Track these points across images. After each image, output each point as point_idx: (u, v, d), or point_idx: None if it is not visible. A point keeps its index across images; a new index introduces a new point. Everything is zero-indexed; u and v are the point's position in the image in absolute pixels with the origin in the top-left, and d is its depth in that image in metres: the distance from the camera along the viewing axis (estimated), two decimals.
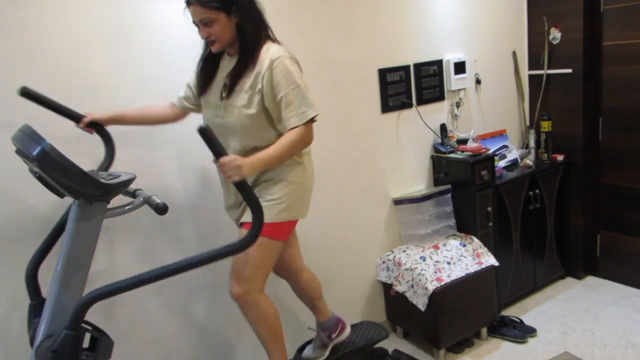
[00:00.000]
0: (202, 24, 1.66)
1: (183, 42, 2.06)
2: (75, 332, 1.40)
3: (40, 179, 1.53)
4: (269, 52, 1.67)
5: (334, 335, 2.19)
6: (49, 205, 1.84)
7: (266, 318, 1.84)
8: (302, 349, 2.28)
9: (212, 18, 1.63)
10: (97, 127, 1.81)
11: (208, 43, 1.73)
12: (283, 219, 1.79)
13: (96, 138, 1.90)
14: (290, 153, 1.70)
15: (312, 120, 1.69)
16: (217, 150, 1.46)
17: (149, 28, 1.99)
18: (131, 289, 1.42)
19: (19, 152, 1.46)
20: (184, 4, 1.67)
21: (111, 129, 1.85)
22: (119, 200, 1.71)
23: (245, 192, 1.48)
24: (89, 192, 1.44)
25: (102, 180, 1.48)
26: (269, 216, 1.70)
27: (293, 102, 1.66)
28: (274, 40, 1.75)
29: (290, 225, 1.86)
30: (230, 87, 1.72)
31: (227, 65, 1.78)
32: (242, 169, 1.48)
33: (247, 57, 1.69)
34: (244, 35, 1.68)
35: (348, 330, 2.24)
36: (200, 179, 2.18)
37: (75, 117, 1.77)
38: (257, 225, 1.45)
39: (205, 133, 1.40)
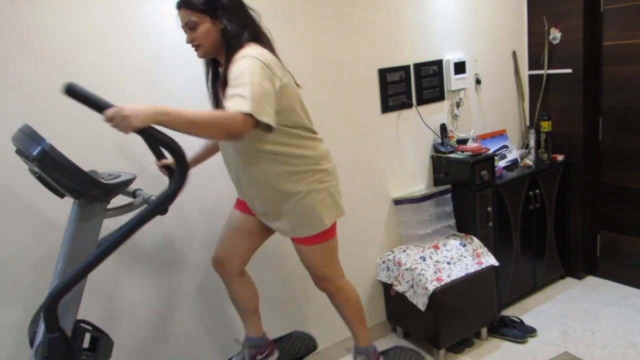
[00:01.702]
0: (187, 27, 1.65)
1: (183, 42, 2.06)
2: (57, 334, 1.39)
3: (40, 179, 1.53)
4: (240, 53, 1.59)
5: (259, 357, 2.10)
6: (49, 205, 1.83)
7: (350, 300, 2.03)
8: None
9: (196, 21, 1.62)
10: (171, 170, 1.73)
11: (194, 49, 1.70)
12: (328, 225, 1.84)
13: (96, 138, 1.91)
14: (207, 128, 1.44)
15: (250, 116, 1.47)
16: (97, 104, 1.27)
17: (149, 28, 2.00)
18: (87, 273, 1.41)
19: (19, 152, 1.46)
20: (175, 10, 1.67)
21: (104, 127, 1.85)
22: (119, 200, 1.71)
23: (156, 140, 1.33)
24: (89, 192, 1.44)
25: (102, 180, 1.49)
26: (315, 228, 1.82)
27: (234, 94, 1.50)
28: (263, 44, 1.67)
29: (334, 225, 1.90)
30: (216, 94, 1.69)
31: (222, 76, 1.74)
32: (131, 118, 1.28)
33: (230, 63, 1.62)
34: (229, 42, 1.63)
35: (275, 356, 2.16)
36: (201, 179, 2.18)
37: (157, 154, 1.68)
38: (181, 172, 1.37)
39: (72, 91, 1.24)
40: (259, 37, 1.69)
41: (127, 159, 2.00)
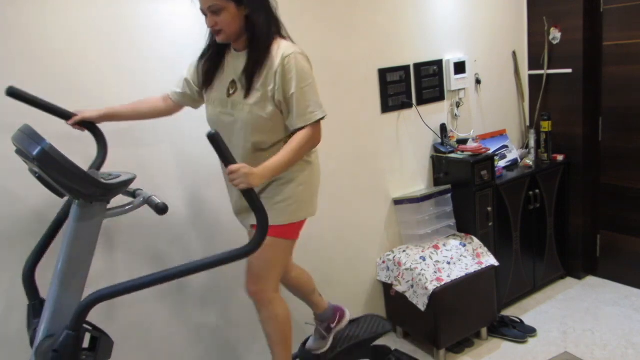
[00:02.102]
0: (210, 11, 1.61)
1: (184, 42, 2.06)
2: (76, 333, 1.40)
3: (40, 179, 1.53)
4: (280, 49, 1.63)
5: (332, 325, 2.20)
6: (48, 205, 1.83)
7: (277, 318, 1.86)
8: (305, 343, 2.28)
9: (221, 6, 1.59)
10: (88, 125, 1.78)
11: (213, 34, 1.69)
12: (294, 219, 1.80)
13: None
14: (299, 156, 1.68)
15: (321, 119, 1.68)
16: (227, 158, 1.43)
17: (149, 28, 2.00)
18: (135, 290, 1.42)
19: (19, 152, 1.46)
20: None
21: (113, 127, 1.85)
22: (119, 200, 1.71)
23: (252, 201, 1.46)
24: (89, 192, 1.44)
25: (102, 180, 1.48)
26: (280, 218, 1.75)
27: (302, 101, 1.64)
28: (285, 37, 1.71)
29: (301, 224, 1.86)
30: (249, 86, 1.66)
31: (233, 61, 1.74)
32: (251, 178, 1.47)
33: (258, 53, 1.64)
34: (253, 29, 1.63)
35: (347, 318, 2.25)
36: (201, 179, 2.18)
37: (65, 115, 1.75)
38: (262, 232, 1.44)
39: (214, 140, 1.38)
40: (280, 27, 1.71)
41: (127, 159, 2.00)
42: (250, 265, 1.83)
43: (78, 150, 1.81)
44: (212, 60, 1.78)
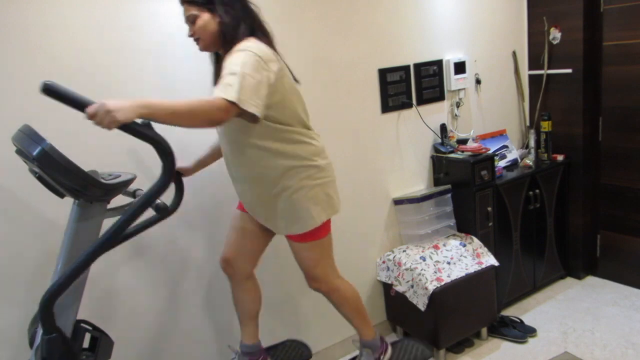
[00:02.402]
0: (188, 21, 1.69)
1: (184, 42, 2.06)
2: (55, 334, 1.38)
3: (40, 179, 1.53)
4: (237, 47, 1.61)
5: None
6: (49, 205, 1.83)
7: (347, 300, 2.02)
8: None
9: (195, 15, 1.65)
10: (177, 175, 1.79)
11: (195, 42, 1.72)
12: (320, 222, 1.82)
13: (96, 137, 1.91)
14: (190, 117, 1.43)
15: (234, 104, 1.47)
16: (78, 102, 1.24)
17: (150, 27, 2.00)
18: (83, 268, 1.39)
19: (19, 152, 1.46)
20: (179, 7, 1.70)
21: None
22: (119, 200, 1.71)
23: (141, 135, 1.31)
24: (88, 192, 1.44)
25: (102, 181, 1.49)
26: (306, 225, 1.80)
27: (223, 83, 1.50)
28: (261, 37, 1.68)
29: (328, 221, 1.89)
30: None
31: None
32: (116, 114, 1.26)
33: (226, 56, 1.64)
34: (226, 36, 1.66)
35: None
36: (201, 179, 2.18)
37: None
38: (167, 168, 1.36)
39: (52, 90, 1.21)
40: (257, 31, 1.70)
41: (127, 159, 2.00)
42: (304, 269, 1.95)
43: (78, 150, 1.81)
44: (214, 72, 1.83)
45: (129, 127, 1.29)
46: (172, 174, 1.38)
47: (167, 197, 1.72)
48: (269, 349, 2.25)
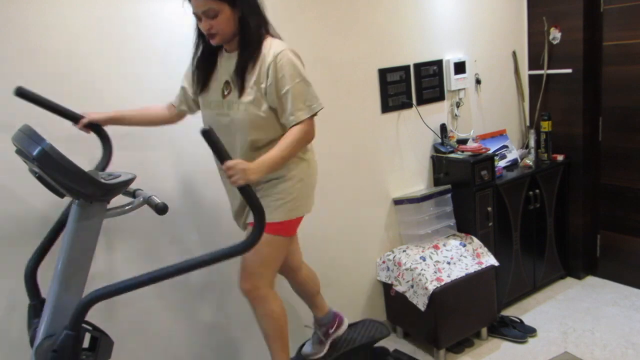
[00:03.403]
0: (205, 15, 1.63)
1: (184, 42, 2.06)
2: (75, 332, 1.40)
3: (40, 179, 1.53)
4: (271, 47, 1.66)
5: (331, 331, 2.19)
6: (49, 205, 1.83)
7: (272, 315, 1.86)
8: (302, 347, 2.28)
9: (217, 9, 1.61)
10: (95, 127, 1.80)
11: (207, 37, 1.70)
12: (290, 217, 1.80)
13: (96, 138, 1.91)
14: (295, 151, 1.68)
15: (314, 115, 1.69)
16: (222, 154, 1.42)
17: (150, 28, 2.00)
18: (134, 289, 1.43)
19: (19, 152, 1.46)
20: None
21: (113, 129, 1.85)
22: (119, 200, 1.71)
23: (249, 197, 1.45)
24: (89, 192, 1.44)
25: (102, 180, 1.48)
26: (276, 215, 1.76)
27: (299, 95, 1.65)
28: (274, 36, 1.73)
29: (297, 221, 1.86)
30: (241, 85, 1.68)
31: (225, 62, 1.76)
32: (248, 173, 1.46)
33: (249, 52, 1.66)
34: (245, 30, 1.66)
35: (345, 325, 2.25)
36: (201, 179, 2.18)
37: (73, 117, 1.76)
38: (259, 229, 1.44)
39: (208, 136, 1.37)
40: (271, 28, 1.73)
41: (127, 159, 2.00)
42: (245, 263, 1.83)
43: (79, 150, 1.81)
44: (205, 64, 1.80)
45: (246, 189, 1.45)
46: (262, 233, 1.45)
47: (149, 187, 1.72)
48: (349, 326, 2.32)
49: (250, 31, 1.66)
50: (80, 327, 1.42)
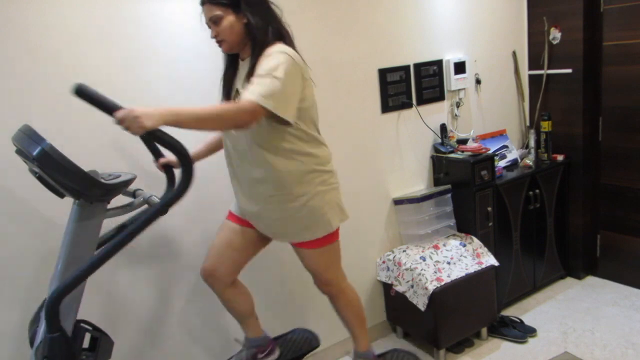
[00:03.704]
0: (211, 22, 1.64)
1: (186, 42, 2.06)
2: (58, 334, 1.39)
3: (40, 179, 1.53)
4: (272, 49, 1.62)
5: (260, 356, 2.07)
6: (49, 205, 1.83)
7: (352, 303, 2.03)
8: None
9: (220, 16, 1.61)
10: (168, 168, 1.79)
11: (218, 44, 1.70)
12: (335, 227, 1.84)
13: (96, 138, 1.91)
14: (216, 121, 1.47)
15: (262, 107, 1.50)
16: (107, 105, 1.28)
17: (150, 28, 2.00)
18: (91, 272, 1.40)
19: (19, 152, 1.46)
20: (199, 6, 1.67)
21: (112, 128, 1.84)
22: (119, 200, 1.71)
23: (163, 142, 1.34)
24: (88, 192, 1.44)
25: (102, 180, 1.49)
26: (322, 231, 1.81)
27: (264, 84, 1.51)
28: (287, 42, 1.68)
29: (338, 228, 1.89)
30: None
31: (241, 70, 1.74)
32: (143, 119, 1.29)
33: (257, 58, 1.63)
34: (252, 36, 1.64)
35: (276, 355, 2.13)
36: (201, 179, 2.18)
37: (155, 153, 1.78)
38: (187, 175, 1.39)
39: (83, 92, 1.25)
40: (283, 34, 1.70)
41: (127, 159, 2.00)
42: (314, 274, 1.95)
43: (79, 150, 1.81)
44: (228, 73, 1.79)
45: (154, 134, 1.33)
46: (190, 182, 1.40)
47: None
48: (277, 338, 2.24)
49: (256, 38, 1.64)
50: (59, 327, 1.40)
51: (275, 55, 1.58)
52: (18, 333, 1.86)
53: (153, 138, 1.35)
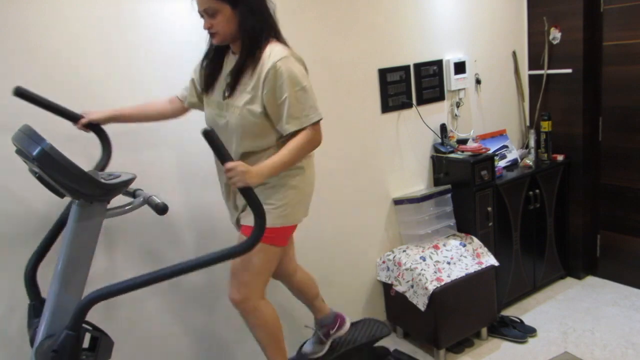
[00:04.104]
0: (206, 14, 1.63)
1: (185, 42, 2.06)
2: (76, 333, 1.40)
3: (40, 179, 1.53)
4: (272, 53, 1.63)
5: (332, 331, 2.18)
6: (49, 205, 1.83)
7: (266, 324, 1.84)
8: (303, 346, 2.27)
9: (216, 9, 1.60)
10: (94, 127, 1.79)
11: (210, 35, 1.70)
12: (282, 224, 1.77)
13: (96, 138, 1.91)
14: (298, 158, 1.68)
15: (317, 122, 1.68)
16: (223, 155, 1.42)
17: (150, 28, 2.00)
18: (132, 289, 1.42)
19: (19, 152, 1.46)
20: None
21: (113, 128, 1.85)
22: (119, 200, 1.71)
23: (250, 199, 1.44)
24: (89, 192, 1.44)
25: (102, 180, 1.48)
26: (268, 222, 1.67)
27: (296, 104, 1.63)
28: (280, 41, 1.70)
29: (290, 230, 1.84)
30: (232, 86, 1.68)
31: (230, 63, 1.75)
32: (248, 176, 1.46)
33: (248, 55, 1.65)
34: (246, 32, 1.64)
35: (347, 325, 2.24)
36: (201, 179, 2.18)
37: (72, 116, 1.76)
38: (259, 230, 1.43)
39: (210, 137, 1.36)
40: (277, 31, 1.71)
41: (127, 159, 2.00)
42: (235, 272, 1.80)
43: (79, 150, 1.81)
44: (212, 63, 1.79)
45: (248, 190, 1.45)
46: (261, 237, 1.44)
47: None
48: (351, 325, 2.30)
49: (250, 34, 1.64)
50: (81, 328, 1.42)
51: (284, 68, 1.61)
52: (18, 333, 1.86)
53: (245, 193, 1.45)
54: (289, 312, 2.43)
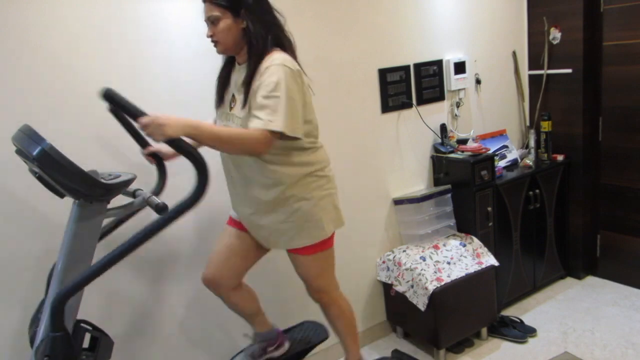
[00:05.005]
0: (209, 21, 1.63)
1: (186, 42, 2.06)
2: (61, 333, 1.39)
3: (40, 179, 1.53)
4: (270, 59, 1.60)
5: (270, 349, 2.09)
6: (49, 205, 1.83)
7: (344, 314, 2.00)
8: (234, 358, 2.14)
9: (218, 16, 1.60)
10: (158, 158, 1.84)
11: (213, 44, 1.69)
12: (329, 233, 1.81)
13: (96, 138, 1.91)
14: (230, 145, 1.55)
15: (276, 133, 1.54)
16: (133, 111, 1.33)
17: (150, 28, 2.00)
18: (97, 275, 1.40)
19: (19, 152, 1.46)
20: (201, 3, 1.66)
21: (113, 128, 1.85)
22: (119, 200, 1.71)
23: (182, 150, 1.37)
24: (88, 192, 1.44)
25: (102, 180, 1.49)
26: (316, 236, 1.78)
27: (267, 106, 1.54)
28: (288, 52, 1.67)
29: (332, 234, 1.86)
30: (245, 99, 1.64)
31: (236, 74, 1.74)
32: (166, 128, 1.36)
33: (255, 66, 1.61)
34: (249, 42, 1.63)
35: (286, 348, 2.13)
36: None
37: (142, 142, 1.80)
38: (202, 182, 1.39)
39: (111, 96, 1.29)
40: (283, 43, 1.68)
41: (127, 159, 2.00)
42: (307, 281, 1.92)
43: (78, 150, 1.81)
44: (222, 77, 1.79)
45: (174, 142, 1.38)
46: (205, 191, 1.42)
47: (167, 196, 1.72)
48: (286, 331, 2.24)
49: (253, 45, 1.62)
50: (63, 327, 1.40)
51: (273, 71, 1.56)
52: (18, 333, 1.86)
53: (173, 146, 1.39)
54: (226, 318, 2.34)
